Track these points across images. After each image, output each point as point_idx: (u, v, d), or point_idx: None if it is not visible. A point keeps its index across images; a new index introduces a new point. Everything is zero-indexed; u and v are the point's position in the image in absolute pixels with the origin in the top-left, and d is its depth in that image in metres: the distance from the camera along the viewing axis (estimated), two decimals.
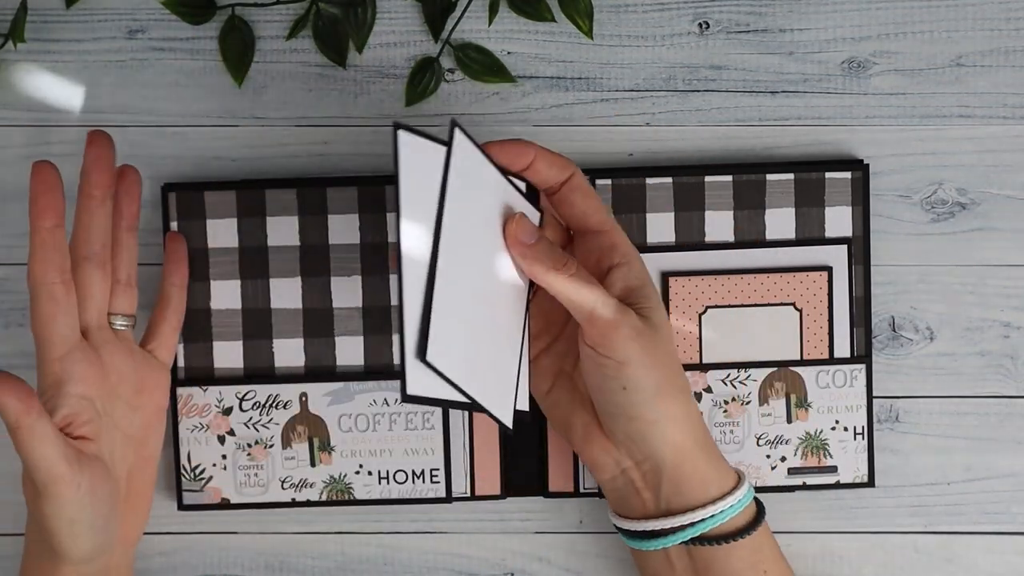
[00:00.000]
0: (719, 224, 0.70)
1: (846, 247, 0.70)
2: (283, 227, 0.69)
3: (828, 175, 0.70)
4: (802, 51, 0.71)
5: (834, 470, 0.70)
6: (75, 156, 0.64)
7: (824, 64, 0.71)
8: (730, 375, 0.70)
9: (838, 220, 0.70)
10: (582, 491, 0.71)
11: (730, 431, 0.70)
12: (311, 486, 0.70)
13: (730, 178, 0.70)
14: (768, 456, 0.70)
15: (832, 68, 0.71)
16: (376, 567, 0.72)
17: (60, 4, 0.70)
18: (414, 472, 0.70)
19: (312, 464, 0.70)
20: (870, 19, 0.71)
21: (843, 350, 0.70)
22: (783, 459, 0.70)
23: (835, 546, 0.71)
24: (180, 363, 0.70)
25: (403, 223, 0.55)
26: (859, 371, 0.70)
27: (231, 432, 0.70)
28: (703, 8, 0.71)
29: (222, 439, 0.70)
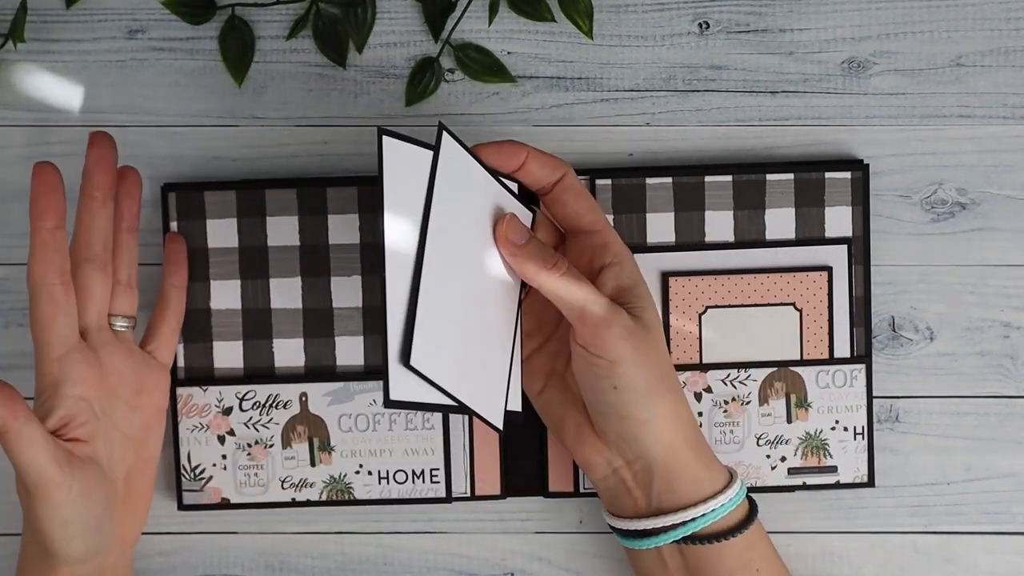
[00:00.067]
0: (719, 224, 0.70)
1: (846, 247, 0.70)
2: (283, 227, 0.69)
3: (828, 175, 0.70)
4: (802, 51, 0.71)
5: (834, 470, 0.70)
6: (75, 156, 0.64)
7: (824, 64, 0.71)
8: (730, 375, 0.70)
9: (838, 220, 0.70)
10: (582, 491, 0.71)
11: (730, 431, 0.70)
12: (311, 486, 0.70)
13: (730, 178, 0.70)
14: (768, 456, 0.70)
15: (832, 68, 0.71)
16: (376, 567, 0.72)
17: (60, 4, 0.70)
18: (414, 472, 0.70)
19: (312, 464, 0.70)
20: (870, 19, 0.71)
21: (843, 350, 0.70)
22: (783, 459, 0.70)
23: (835, 546, 0.71)
24: (180, 363, 0.70)
25: (387, 228, 0.56)
26: (859, 371, 0.70)
27: (231, 432, 0.70)
28: (703, 8, 0.71)
29: (222, 439, 0.70)
